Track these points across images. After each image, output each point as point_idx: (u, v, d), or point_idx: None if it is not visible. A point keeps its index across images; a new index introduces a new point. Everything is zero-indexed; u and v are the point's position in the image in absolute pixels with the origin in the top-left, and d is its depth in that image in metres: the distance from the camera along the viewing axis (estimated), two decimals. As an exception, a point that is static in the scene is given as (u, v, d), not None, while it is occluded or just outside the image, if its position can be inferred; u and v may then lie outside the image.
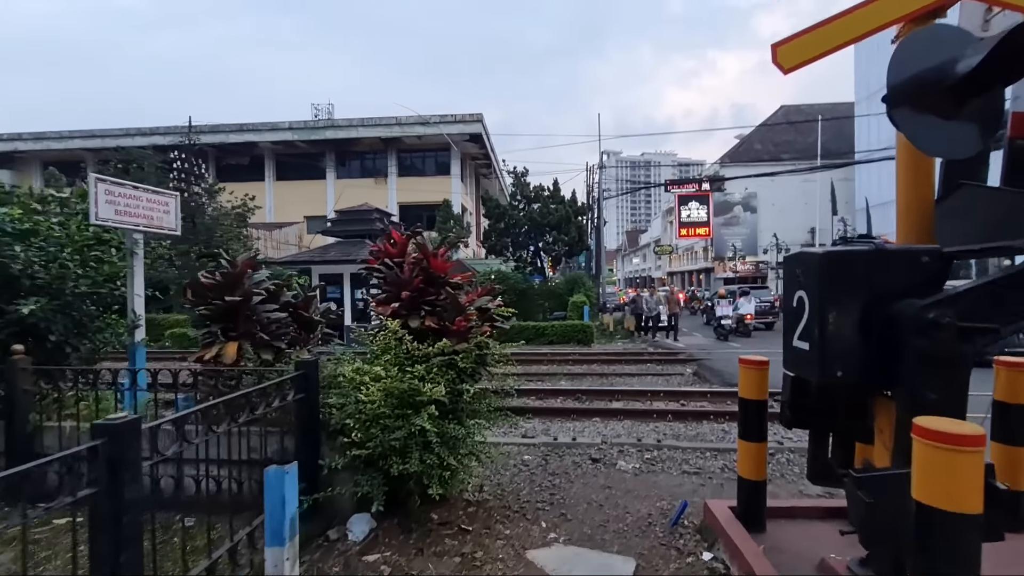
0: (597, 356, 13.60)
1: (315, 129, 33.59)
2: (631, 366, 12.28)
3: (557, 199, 22.46)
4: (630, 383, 10.28)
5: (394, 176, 34.58)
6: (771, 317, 20.86)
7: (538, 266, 24.06)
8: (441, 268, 3.99)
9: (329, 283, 19.03)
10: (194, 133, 33.31)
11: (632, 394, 8.35)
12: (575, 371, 11.81)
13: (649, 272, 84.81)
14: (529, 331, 17.28)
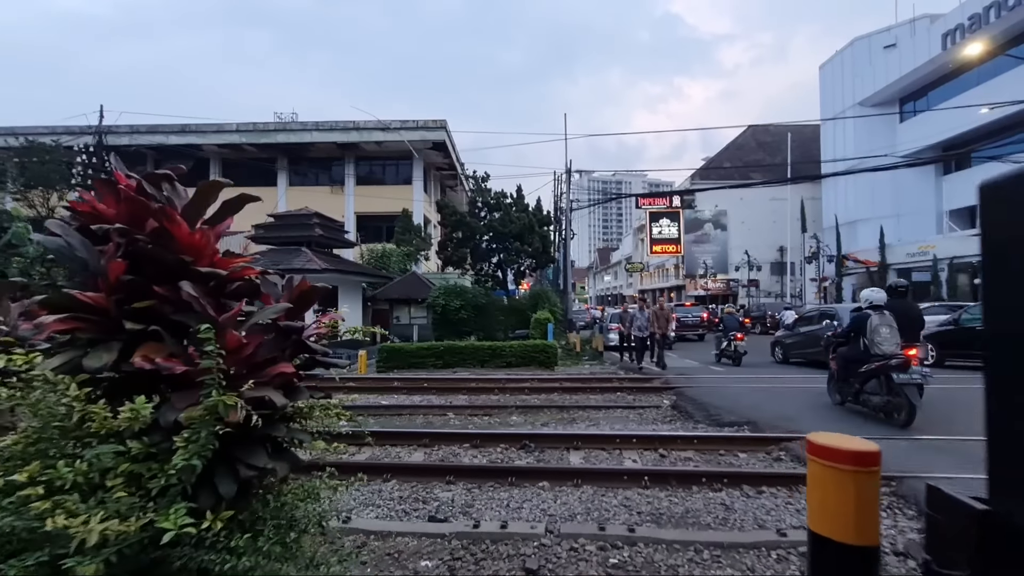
0: (559, 383, 11.62)
1: (265, 132, 31.21)
2: (598, 395, 10.33)
3: (520, 207, 20.65)
4: (595, 419, 8.31)
5: (352, 184, 32.41)
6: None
7: (500, 279, 22.08)
8: (195, 244, 1.95)
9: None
10: (128, 133, 30.61)
11: (596, 440, 6.36)
12: (531, 402, 9.78)
13: (620, 290, 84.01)
14: (483, 352, 15.20)
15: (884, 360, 6.74)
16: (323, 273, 15.74)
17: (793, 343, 14.22)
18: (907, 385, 6.54)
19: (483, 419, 8.71)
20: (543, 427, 7.81)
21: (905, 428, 6.53)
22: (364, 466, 5.33)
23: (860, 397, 7.39)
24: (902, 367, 6.57)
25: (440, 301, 18.97)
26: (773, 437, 6.20)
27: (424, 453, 6.21)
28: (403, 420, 8.80)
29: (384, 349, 15.37)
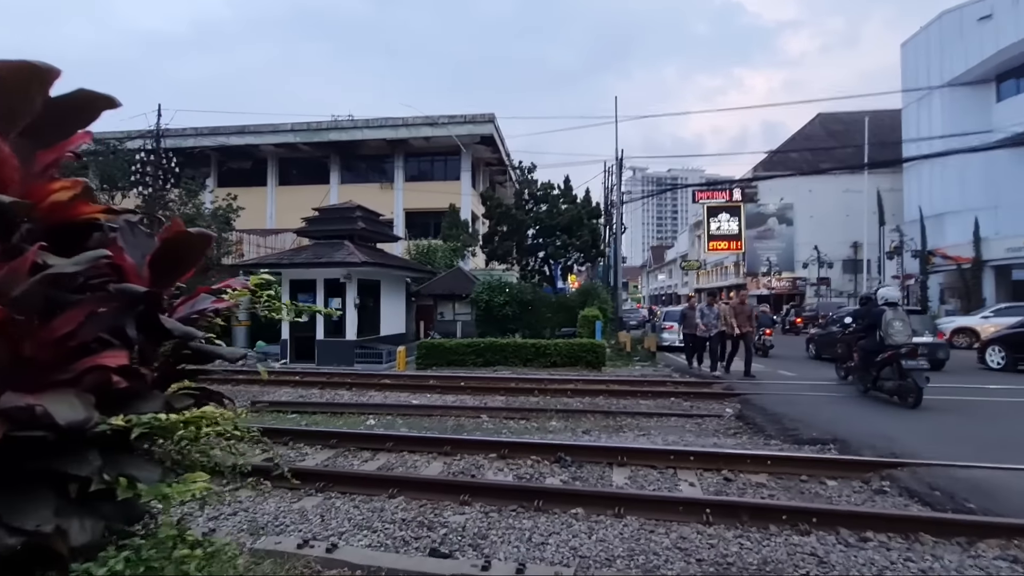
0: (606, 385, 10.59)
1: (318, 131, 31.72)
2: (649, 400, 9.23)
3: (568, 198, 19.61)
4: (645, 428, 7.27)
5: (401, 181, 32.45)
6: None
7: (547, 275, 21.13)
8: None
9: (301, 291, 16.53)
10: (193, 135, 32.04)
11: (645, 455, 5.35)
12: (573, 406, 8.83)
13: (675, 289, 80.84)
14: (527, 350, 14.34)
15: (896, 349, 7.81)
16: (363, 266, 15.41)
17: (823, 341, 14.65)
18: (915, 371, 7.62)
19: (519, 423, 7.86)
20: (584, 435, 6.86)
21: (914, 409, 7.54)
22: (371, 478, 4.62)
23: (877, 383, 8.37)
24: (911, 355, 7.72)
25: (484, 297, 18.28)
26: (871, 461, 4.96)
27: (443, 463, 5.44)
28: (432, 422, 8.09)
29: (423, 345, 14.85)
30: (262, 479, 2.60)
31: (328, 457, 5.75)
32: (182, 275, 1.55)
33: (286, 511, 4.19)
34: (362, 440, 6.11)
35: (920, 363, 7.65)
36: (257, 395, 10.52)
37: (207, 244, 1.51)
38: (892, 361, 7.92)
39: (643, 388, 10.05)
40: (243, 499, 4.45)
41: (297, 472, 4.73)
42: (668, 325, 18.52)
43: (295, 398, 10.13)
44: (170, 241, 1.43)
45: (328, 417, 8.65)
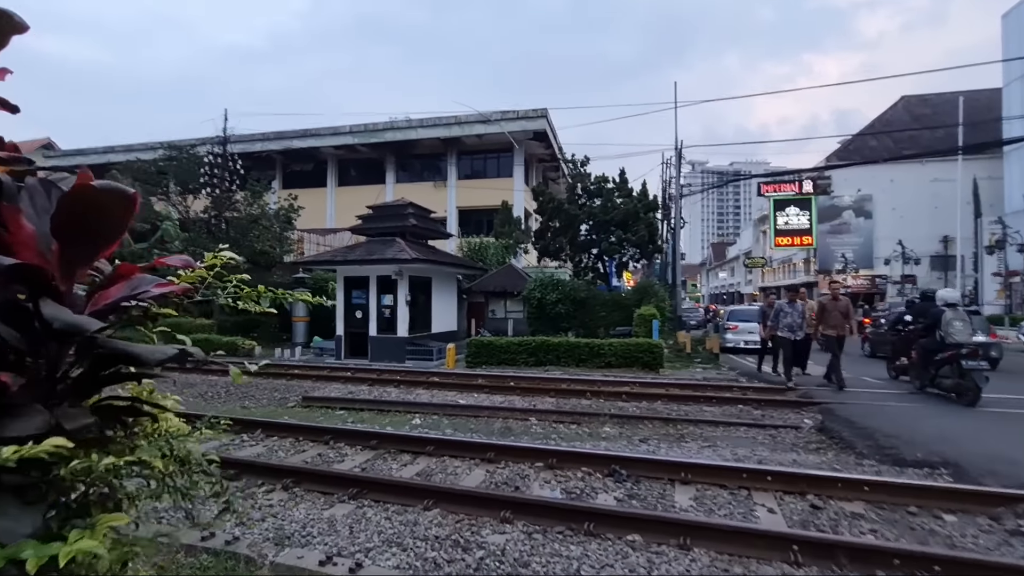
0: (665, 388, 9.85)
1: (375, 132, 32.43)
2: (714, 407, 8.43)
3: (624, 191, 18.75)
4: (710, 438, 6.55)
5: (454, 179, 32.64)
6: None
7: (601, 272, 20.36)
8: None
9: (354, 287, 16.74)
10: (260, 140, 33.64)
11: (713, 472, 4.69)
12: (629, 411, 8.20)
13: (738, 287, 76.99)
14: (580, 350, 13.73)
15: (956, 349, 7.96)
16: (414, 263, 15.36)
17: (878, 339, 14.58)
18: (975, 371, 7.75)
19: (569, 428, 7.34)
20: (641, 445, 6.24)
21: (971, 407, 7.67)
22: (406, 487, 4.27)
23: (935, 381, 8.59)
24: (972, 355, 7.83)
25: (536, 294, 17.83)
26: (1001, 494, 4.07)
27: (485, 472, 5.01)
28: (478, 423, 7.73)
29: (473, 343, 14.58)
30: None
31: (367, 459, 5.48)
32: (103, 249, 1.19)
33: (316, 519, 3.91)
34: (403, 442, 5.81)
35: (980, 363, 7.83)
36: (309, 390, 10.59)
37: (126, 206, 1.11)
38: (952, 360, 8.09)
39: (706, 393, 9.23)
40: (274, 503, 4.23)
41: (331, 477, 4.48)
42: (732, 325, 17.30)
43: (344, 394, 10.08)
44: (72, 201, 1.04)
45: (375, 415, 8.49)
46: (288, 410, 9.11)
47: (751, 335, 17.06)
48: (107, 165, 36.33)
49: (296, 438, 6.30)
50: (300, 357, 16.99)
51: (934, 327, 8.51)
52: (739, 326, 17.40)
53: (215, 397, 10.38)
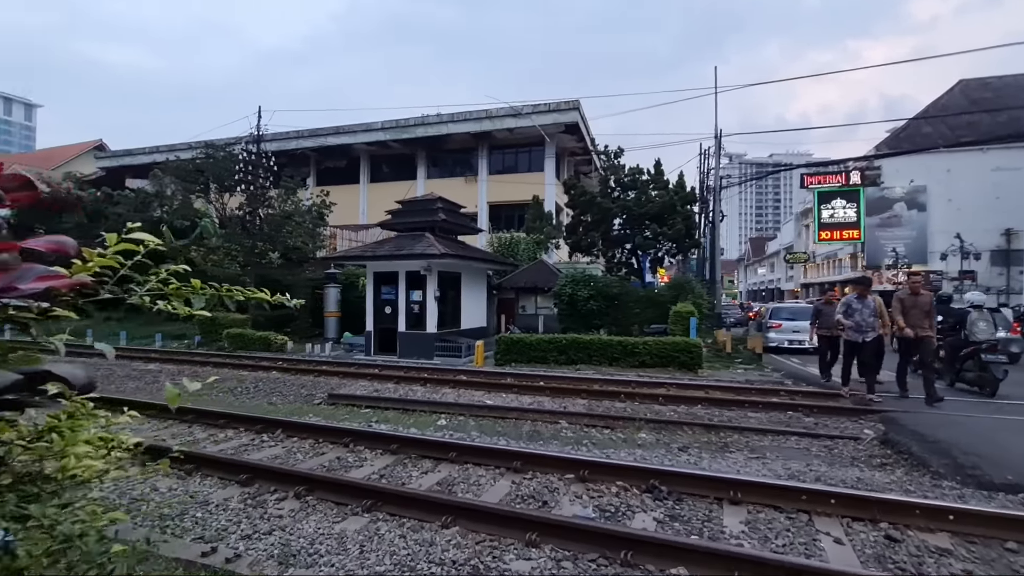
0: (705, 391, 9.25)
1: (406, 128, 32.49)
2: (760, 413, 7.80)
3: (659, 183, 17.98)
4: (758, 448, 5.98)
5: (484, 174, 32.38)
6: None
7: (634, 267, 19.66)
8: None
9: (384, 283, 16.63)
10: (295, 138, 34.21)
11: (766, 492, 4.16)
12: (666, 415, 7.67)
13: (778, 284, 74.21)
14: (613, 348, 13.19)
15: (978, 345, 8.69)
16: (443, 258, 15.11)
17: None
18: (993, 363, 8.57)
19: (602, 433, 6.89)
20: (681, 455, 5.74)
21: (992, 397, 8.39)
22: (424, 500, 3.92)
23: (960, 375, 9.18)
24: (990, 350, 8.58)
25: (567, 290, 17.32)
26: None
27: (511, 483, 4.63)
28: (506, 426, 7.36)
29: (503, 341, 14.22)
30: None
31: (386, 465, 5.18)
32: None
33: (325, 534, 3.60)
34: (424, 447, 5.49)
35: (998, 357, 8.62)
36: (336, 387, 10.46)
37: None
38: (974, 355, 8.83)
39: (751, 397, 8.59)
40: (284, 514, 3.95)
41: (346, 486, 4.18)
42: (776, 323, 16.38)
43: (370, 392, 9.88)
44: None
45: (400, 414, 8.25)
46: (314, 407, 8.97)
47: (796, 334, 16.13)
48: (152, 164, 37.69)
49: (316, 439, 6.08)
50: (331, 353, 17.02)
51: (959, 326, 9.28)
52: (783, 324, 16.47)
53: (244, 392, 10.36)
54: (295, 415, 7.96)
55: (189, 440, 6.22)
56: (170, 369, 12.85)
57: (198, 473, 4.86)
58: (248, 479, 4.55)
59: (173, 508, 4.05)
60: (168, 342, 20.00)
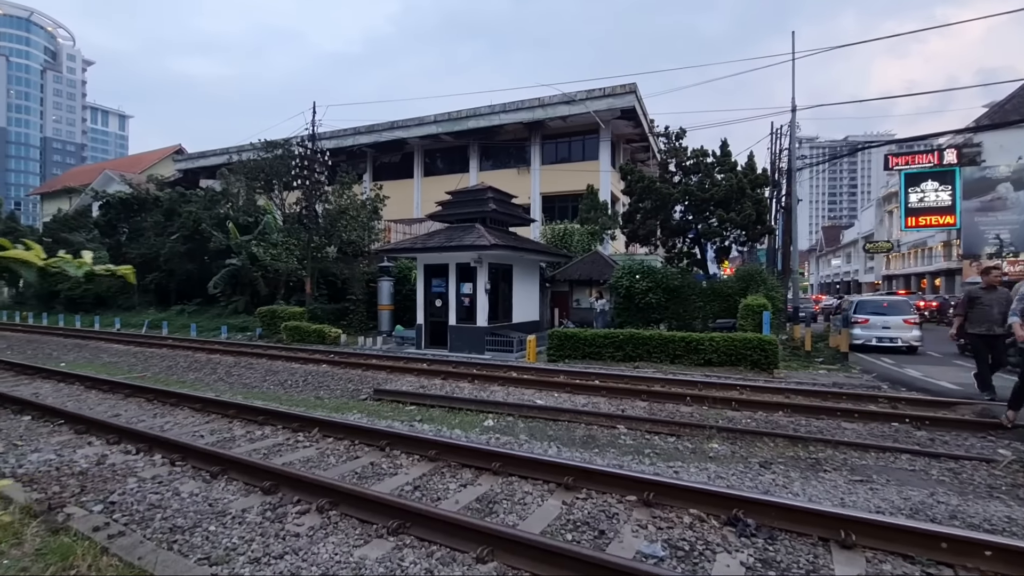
0: (786, 396, 8.16)
1: (458, 120, 32.29)
2: (856, 423, 6.68)
3: (726, 166, 16.55)
4: (858, 468, 4.98)
5: (537, 164, 31.68)
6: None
7: (697, 258, 18.31)
8: None
9: (434, 275, 16.34)
10: (352, 135, 34.88)
11: (894, 536, 3.25)
12: (741, 423, 6.72)
13: (856, 276, 68.72)
14: (675, 345, 12.16)
15: None
16: (494, 249, 14.58)
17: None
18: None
19: (666, 442, 6.07)
20: (765, 473, 4.85)
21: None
22: (459, 525, 3.32)
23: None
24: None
25: (624, 282, 16.35)
26: None
27: (561, 503, 3.96)
28: (557, 429, 6.70)
29: (555, 335, 13.51)
30: None
31: (422, 474, 4.66)
32: None
33: (342, 562, 3.09)
34: (465, 455, 4.92)
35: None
36: (382, 382, 10.17)
37: None
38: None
39: (842, 404, 7.44)
40: (302, 532, 3.49)
41: (372, 502, 3.67)
42: (862, 318, 14.66)
43: (416, 388, 9.50)
44: None
45: (445, 412, 7.78)
46: (359, 403, 8.68)
47: (886, 330, 14.39)
48: (221, 165, 39.77)
49: (352, 441, 5.66)
50: (382, 346, 16.97)
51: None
52: (870, 319, 14.73)
53: (293, 386, 10.29)
54: (338, 411, 7.66)
55: (227, 437, 5.99)
56: (227, 361, 13.10)
57: (224, 476, 4.53)
58: (272, 486, 4.15)
59: (188, 519, 3.70)
60: (233, 334, 20.76)
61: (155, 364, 13.14)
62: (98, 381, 9.33)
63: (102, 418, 6.39)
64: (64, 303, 32.27)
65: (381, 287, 20.22)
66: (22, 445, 5.59)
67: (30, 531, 3.48)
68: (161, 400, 7.96)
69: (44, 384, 9.62)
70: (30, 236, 36.81)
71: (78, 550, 3.12)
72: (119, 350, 15.70)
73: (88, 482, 4.46)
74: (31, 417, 6.85)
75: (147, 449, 5.31)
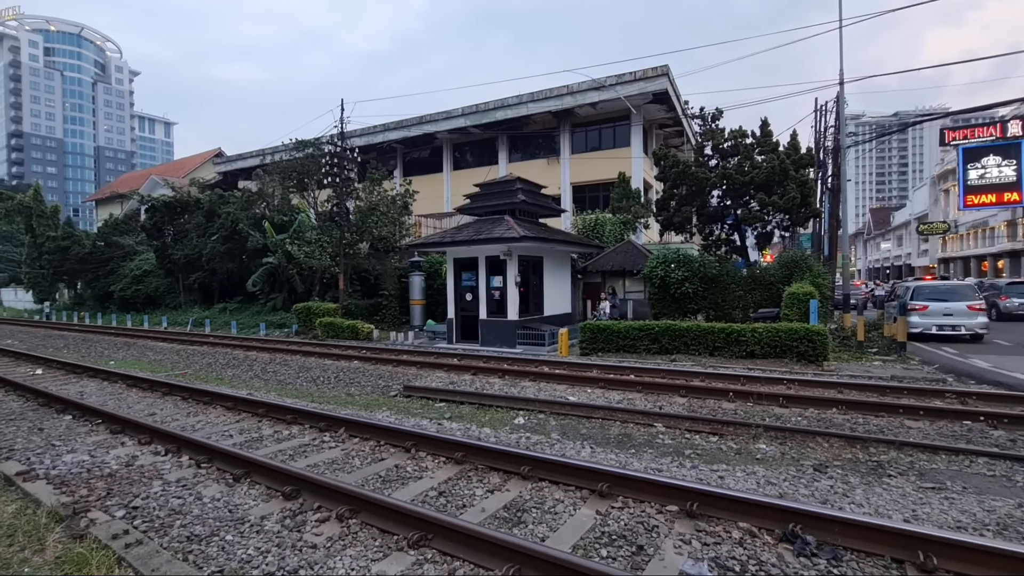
0: (839, 391, 7.58)
1: (485, 112, 31.97)
2: (921, 421, 6.09)
3: (767, 147, 15.66)
4: (930, 474, 4.48)
5: (567, 153, 31.11)
6: None
7: (736, 245, 17.50)
8: None
9: (464, 269, 16.17)
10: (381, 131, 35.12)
11: (984, 559, 2.81)
12: (791, 421, 6.24)
13: (907, 260, 65.09)
14: (714, 336, 11.60)
15: None
16: (523, 241, 14.27)
17: None
18: None
19: (708, 442, 5.68)
20: (820, 478, 4.41)
21: None
22: (484, 540, 3.07)
23: None
24: None
25: (658, 272, 15.76)
26: None
27: (595, 513, 3.66)
28: (591, 427, 6.38)
29: (587, 328, 13.13)
30: None
31: (448, 478, 4.44)
32: None
33: (359, 578, 2.89)
34: (493, 458, 4.67)
35: None
36: (412, 379, 10.06)
37: None
38: None
39: (903, 400, 6.83)
40: (319, 542, 3.31)
41: (393, 511, 3.46)
42: (920, 305, 13.66)
43: (445, 384, 9.34)
44: None
45: (475, 409, 7.58)
46: (389, 399, 8.59)
47: (948, 317, 13.38)
48: (257, 166, 40.81)
49: (378, 442, 5.51)
50: (414, 341, 16.96)
51: None
52: (929, 306, 13.71)
53: (325, 382, 10.32)
54: (368, 409, 7.57)
55: (255, 437, 5.94)
56: (263, 358, 13.31)
57: (247, 480, 4.43)
58: (293, 491, 4.01)
59: (207, 526, 3.58)
60: (271, 331, 21.23)
61: (196, 361, 13.48)
62: (139, 380, 9.57)
63: (137, 418, 6.46)
64: (117, 303, 33.88)
65: (412, 282, 20.25)
66: (59, 445, 5.69)
67: (52, 537, 3.44)
68: (195, 398, 8.06)
69: (90, 383, 9.94)
70: (85, 240, 38.87)
71: (93, 561, 3.03)
72: (164, 348, 16.22)
73: (115, 485, 4.44)
74: (72, 417, 7.02)
75: (175, 450, 5.29)
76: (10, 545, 3.37)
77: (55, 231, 38.95)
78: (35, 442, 5.86)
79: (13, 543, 3.39)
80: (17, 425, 6.68)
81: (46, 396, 8.05)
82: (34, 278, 39.79)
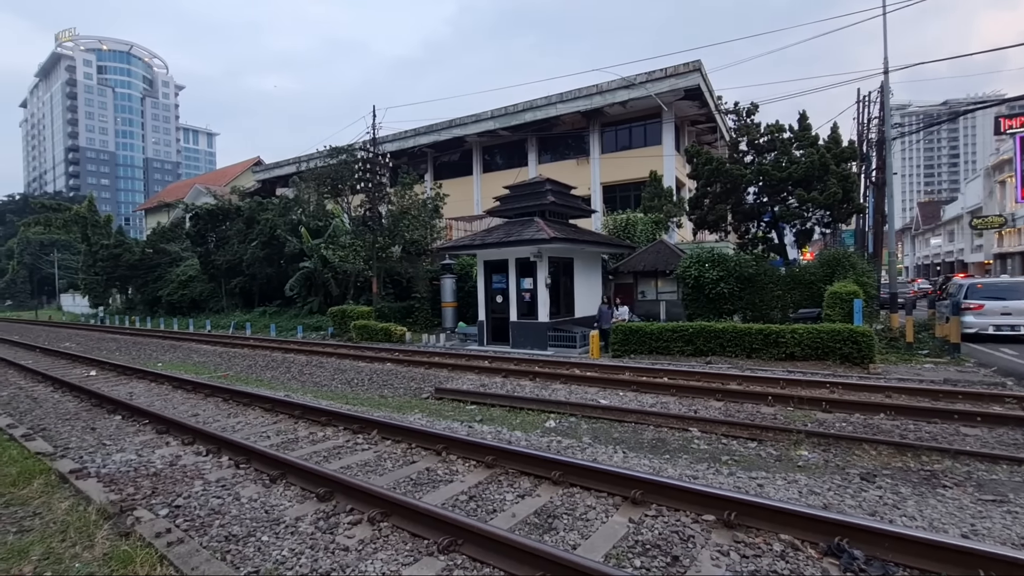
0: (886, 395, 7.21)
1: (514, 114, 32.03)
2: (978, 428, 5.72)
3: (806, 140, 15.09)
4: (989, 485, 4.20)
5: (597, 153, 30.85)
6: None
7: (774, 243, 16.93)
8: None
9: (494, 271, 16.20)
10: (412, 136, 35.66)
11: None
12: (834, 427, 5.96)
13: (960, 256, 61.66)
14: (751, 338, 11.23)
15: None
16: (553, 243, 14.19)
17: None
18: None
19: (746, 448, 5.49)
20: (868, 488, 4.19)
21: None
22: (514, 547, 3.04)
23: None
24: None
25: (692, 272, 15.41)
26: None
27: (628, 522, 3.57)
28: (624, 431, 6.27)
29: (620, 329, 12.93)
30: None
31: (478, 482, 4.42)
32: None
33: (390, 583, 2.90)
34: (524, 462, 4.63)
35: None
36: (444, 381, 10.13)
37: None
38: None
39: (958, 405, 6.44)
40: (351, 545, 3.34)
41: (424, 516, 3.47)
42: (975, 304, 12.90)
43: (477, 387, 9.36)
44: None
45: (506, 412, 7.56)
46: (421, 402, 8.66)
47: (1007, 317, 12.60)
48: (293, 173, 41.98)
49: (410, 444, 5.55)
50: (446, 343, 17.10)
51: None
52: (985, 305, 12.93)
53: (359, 384, 10.49)
54: (400, 411, 7.65)
55: (291, 438, 6.08)
56: (300, 360, 13.66)
57: (283, 481, 4.53)
58: (327, 493, 4.07)
59: (244, 526, 3.67)
60: (308, 333, 21.80)
61: (237, 363, 13.95)
62: (184, 382, 9.95)
63: (181, 419, 6.71)
64: (165, 307, 35.47)
65: (444, 284, 20.44)
66: (109, 444, 5.96)
67: (101, 534, 3.58)
68: (236, 400, 8.32)
69: (139, 384, 10.41)
70: (135, 247, 40.88)
71: (137, 558, 3.15)
72: (207, 350, 16.86)
73: (160, 483, 4.62)
74: (122, 417, 7.35)
75: (216, 451, 5.46)
76: (63, 541, 3.53)
77: (108, 239, 41.10)
78: (88, 441, 6.16)
79: (65, 539, 3.55)
80: (72, 424, 7.04)
81: (98, 397, 8.47)
82: (89, 284, 42.06)
